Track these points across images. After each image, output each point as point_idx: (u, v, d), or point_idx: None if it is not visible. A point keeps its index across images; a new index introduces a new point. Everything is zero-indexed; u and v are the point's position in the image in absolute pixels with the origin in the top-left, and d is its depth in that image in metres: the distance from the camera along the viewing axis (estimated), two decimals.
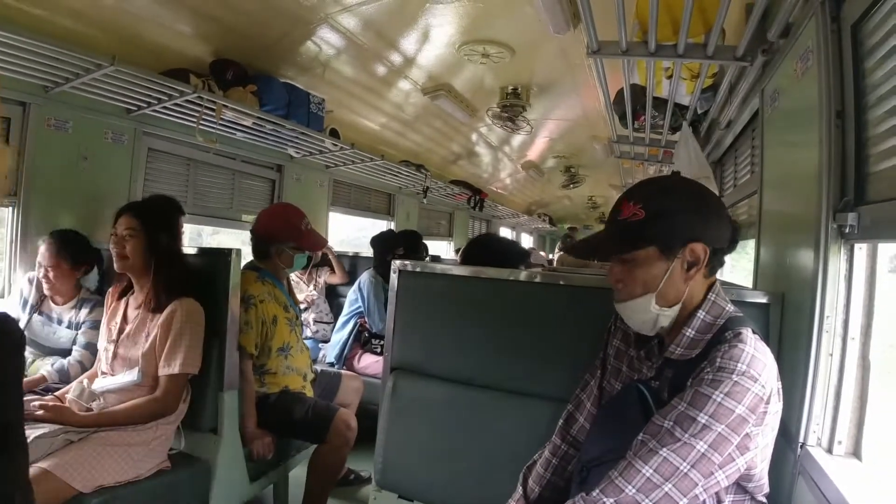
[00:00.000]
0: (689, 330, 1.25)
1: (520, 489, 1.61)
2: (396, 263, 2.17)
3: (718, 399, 1.08)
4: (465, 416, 1.93)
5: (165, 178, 3.80)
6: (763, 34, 2.00)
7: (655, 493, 1.07)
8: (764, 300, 1.70)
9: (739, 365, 1.10)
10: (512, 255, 2.57)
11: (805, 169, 1.62)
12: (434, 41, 3.74)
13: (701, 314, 1.25)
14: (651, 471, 1.08)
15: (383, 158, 5.01)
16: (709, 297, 1.27)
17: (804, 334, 1.49)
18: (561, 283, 1.90)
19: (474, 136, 6.22)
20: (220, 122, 3.52)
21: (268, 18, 3.27)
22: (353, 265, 4.66)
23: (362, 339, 3.96)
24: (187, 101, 3.19)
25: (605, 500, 1.11)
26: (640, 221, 1.23)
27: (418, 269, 2.15)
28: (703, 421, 1.08)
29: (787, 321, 1.66)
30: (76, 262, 2.65)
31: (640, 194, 1.26)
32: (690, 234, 1.23)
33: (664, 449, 1.09)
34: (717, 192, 3.06)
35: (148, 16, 2.97)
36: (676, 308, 1.27)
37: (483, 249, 2.58)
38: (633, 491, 1.09)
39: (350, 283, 4.40)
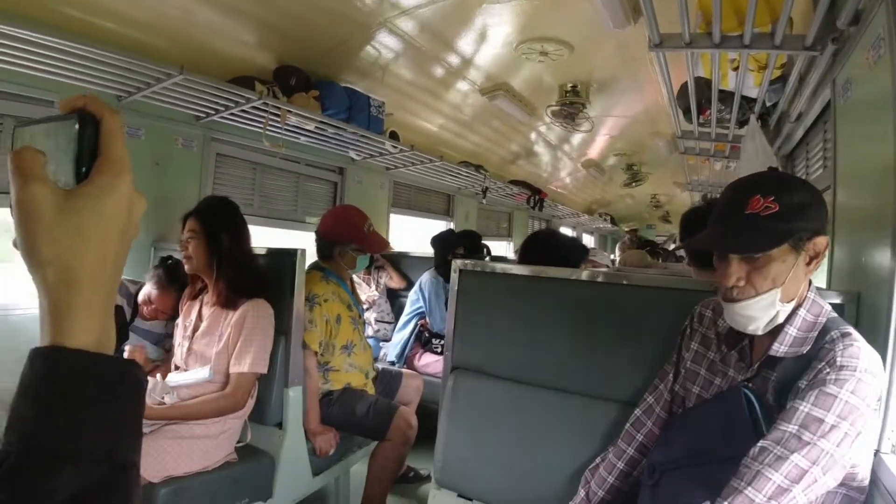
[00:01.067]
0: (792, 328, 1.23)
1: (581, 492, 1.59)
2: (457, 263, 2.17)
3: (845, 398, 1.08)
4: (525, 417, 1.92)
5: (233, 182, 3.93)
6: (832, 22, 1.91)
7: (785, 498, 1.06)
8: (838, 300, 1.61)
9: (861, 362, 1.11)
10: (572, 250, 2.54)
11: (882, 163, 1.54)
12: (491, 41, 3.75)
13: (802, 312, 1.24)
14: (782, 477, 1.06)
15: (442, 159, 5.03)
16: (808, 295, 1.25)
17: (881, 336, 1.41)
18: (624, 282, 1.86)
19: (533, 136, 6.18)
20: (285, 127, 3.62)
21: (327, 25, 3.35)
22: (413, 266, 4.70)
23: (423, 339, 3.98)
24: (253, 107, 3.29)
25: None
26: (775, 215, 1.17)
27: (478, 269, 2.15)
28: (831, 421, 1.07)
29: (863, 322, 1.58)
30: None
31: (770, 186, 1.20)
32: (817, 225, 1.20)
33: (794, 454, 1.07)
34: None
35: (213, 26, 3.09)
36: (792, 304, 1.24)
37: (542, 245, 2.55)
38: (764, 500, 1.06)
39: (409, 285, 4.46)
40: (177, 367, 2.37)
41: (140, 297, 2.66)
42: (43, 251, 0.46)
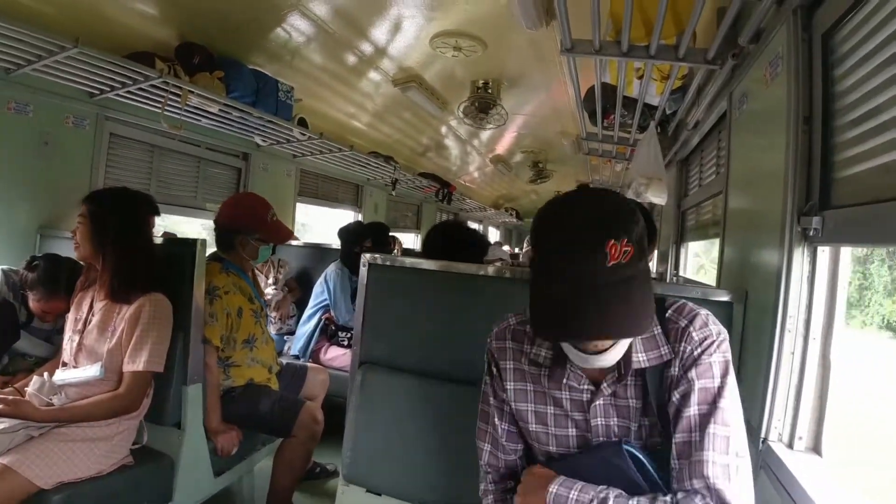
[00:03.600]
0: (637, 341, 1.19)
1: None
2: (366, 257, 2.15)
3: (719, 359, 1.13)
4: (433, 411, 1.93)
5: (128, 164, 3.70)
6: (734, 38, 2.04)
7: (732, 469, 1.07)
8: (727, 298, 1.73)
9: (712, 326, 1.17)
10: (474, 245, 2.56)
11: (771, 171, 1.66)
12: (406, 32, 3.72)
13: None
14: (715, 454, 1.07)
15: (352, 149, 4.96)
16: None
17: (767, 333, 1.53)
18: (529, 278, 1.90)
19: (444, 129, 6.21)
20: (186, 108, 3.44)
21: (236, 2, 3.20)
22: (318, 257, 4.61)
23: (329, 332, 3.92)
24: (152, 85, 3.11)
25: (696, 483, 1.07)
26: (633, 259, 1.04)
27: (388, 263, 2.14)
28: (718, 383, 1.12)
29: (750, 319, 1.70)
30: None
31: (615, 224, 1.04)
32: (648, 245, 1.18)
33: (710, 427, 1.09)
34: (665, 195, 3.13)
35: None
36: None
37: (446, 239, 2.55)
38: (717, 480, 1.06)
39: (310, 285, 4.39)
40: (65, 364, 2.19)
41: (31, 305, 2.46)
42: None
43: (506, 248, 9.95)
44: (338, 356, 3.82)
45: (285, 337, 4.19)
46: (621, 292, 1.01)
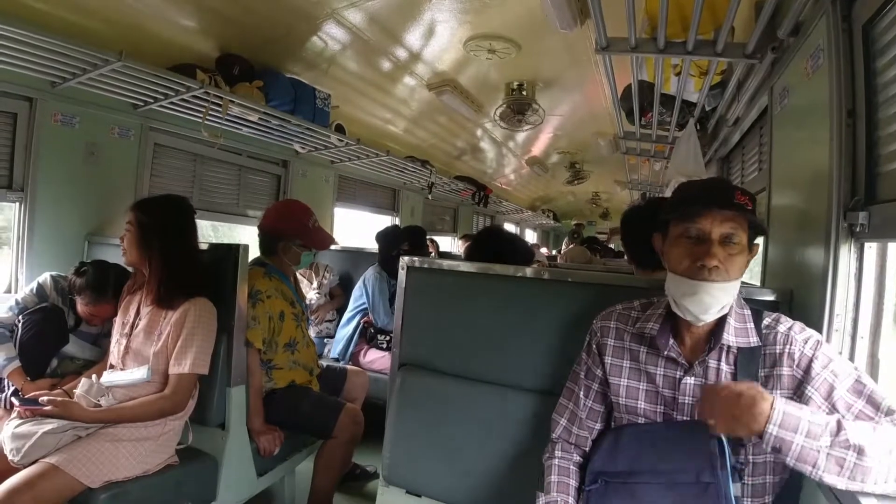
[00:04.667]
0: (732, 319, 1.33)
1: None
2: (404, 260, 2.16)
3: (828, 351, 1.26)
4: (472, 413, 1.92)
5: (171, 173, 3.80)
6: (773, 32, 1.99)
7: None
8: (772, 298, 1.69)
9: (811, 330, 1.31)
10: (522, 252, 2.55)
11: (815, 167, 1.62)
12: (440, 36, 3.74)
13: (734, 305, 1.35)
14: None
15: (388, 154, 5.00)
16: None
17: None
18: (569, 280, 1.89)
19: (479, 132, 6.21)
20: (227, 117, 3.51)
21: (273, 13, 3.27)
22: (356, 260, 4.65)
23: (368, 335, 3.95)
24: (194, 96, 3.19)
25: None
26: (751, 211, 1.27)
27: (426, 266, 2.15)
28: (845, 364, 1.25)
29: (795, 319, 1.66)
30: None
31: (742, 190, 1.29)
32: (762, 233, 1.35)
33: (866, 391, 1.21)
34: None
35: (154, 10, 2.97)
36: None
37: (493, 244, 2.53)
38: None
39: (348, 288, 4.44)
40: (112, 367, 2.26)
41: (79, 310, 2.54)
42: None
43: (543, 250, 9.91)
44: (377, 359, 3.84)
45: (325, 340, 4.23)
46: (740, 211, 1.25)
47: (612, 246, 10.46)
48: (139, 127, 3.42)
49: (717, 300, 1.27)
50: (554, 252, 10.71)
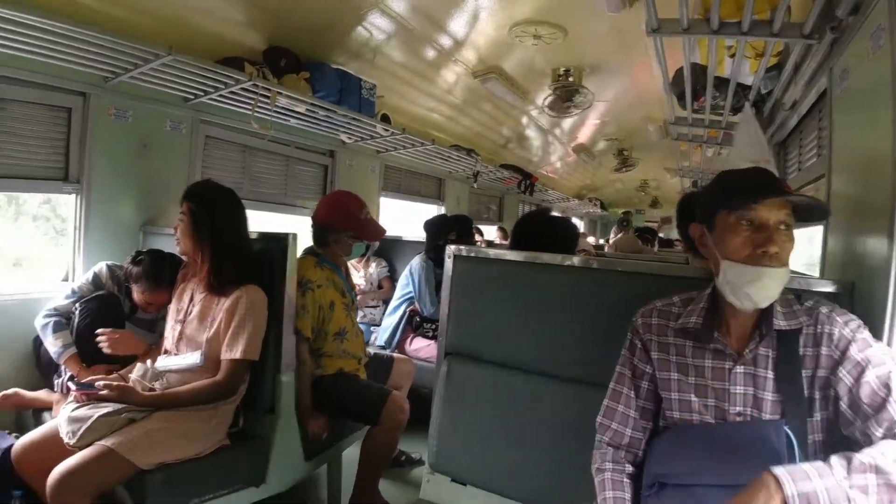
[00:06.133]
0: (777, 304, 1.31)
1: None
2: (451, 248, 2.15)
3: (867, 335, 1.25)
4: (519, 402, 1.91)
5: (222, 164, 3.89)
6: (831, 11, 1.90)
7: None
8: (832, 289, 1.61)
9: (850, 314, 1.30)
10: (565, 236, 2.48)
11: (879, 152, 1.53)
12: (484, 23, 3.71)
13: None
14: None
15: (434, 143, 5.00)
16: None
17: (876, 326, 1.42)
18: (619, 269, 1.85)
19: (524, 119, 6.16)
20: (275, 109, 3.57)
21: (319, 5, 3.30)
22: (401, 249, 4.68)
23: (414, 324, 3.98)
24: (242, 88, 3.26)
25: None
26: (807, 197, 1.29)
27: (473, 255, 2.13)
28: (883, 349, 1.23)
29: (858, 312, 1.57)
30: None
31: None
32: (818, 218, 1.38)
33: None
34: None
35: (201, 5, 3.05)
36: None
37: (534, 230, 2.47)
38: None
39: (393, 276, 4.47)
40: (166, 352, 2.33)
41: (135, 297, 2.63)
42: None
43: (590, 239, 9.78)
44: (422, 347, 3.88)
45: (371, 328, 4.28)
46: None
47: (662, 235, 10.24)
48: (190, 120, 3.51)
49: (778, 285, 1.27)
50: (601, 241, 10.54)
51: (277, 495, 2.42)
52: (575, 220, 13.25)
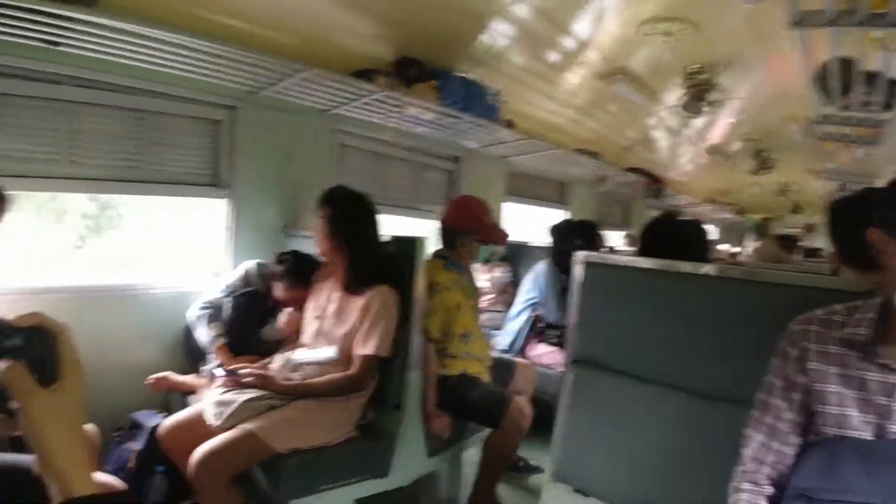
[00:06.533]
0: None
1: None
2: (580, 254, 2.10)
3: None
4: (647, 414, 1.85)
5: (355, 171, 4.09)
6: None
7: None
8: None
9: None
10: (699, 243, 2.36)
11: None
12: (610, 22, 3.66)
13: None
14: None
15: (558, 147, 4.96)
16: None
17: None
18: (759, 279, 1.72)
19: (652, 121, 5.97)
20: (404, 117, 3.73)
21: (445, 16, 3.40)
22: (526, 254, 4.67)
23: (537, 329, 3.96)
24: (375, 99, 3.42)
25: None
26: None
27: (603, 261, 2.08)
28: None
29: None
30: None
31: None
32: None
33: None
34: None
35: (335, 21, 3.23)
36: None
37: (664, 236, 2.37)
38: None
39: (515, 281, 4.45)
40: (304, 346, 2.51)
41: (277, 294, 2.83)
42: (54, 441, 0.65)
43: (724, 246, 9.27)
44: (545, 353, 3.84)
45: (492, 331, 4.30)
46: None
47: (805, 244, 9.48)
48: (327, 129, 3.73)
49: None
50: (736, 249, 9.94)
51: (398, 489, 2.51)
52: (707, 227, 12.60)
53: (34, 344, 0.66)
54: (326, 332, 2.43)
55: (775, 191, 10.81)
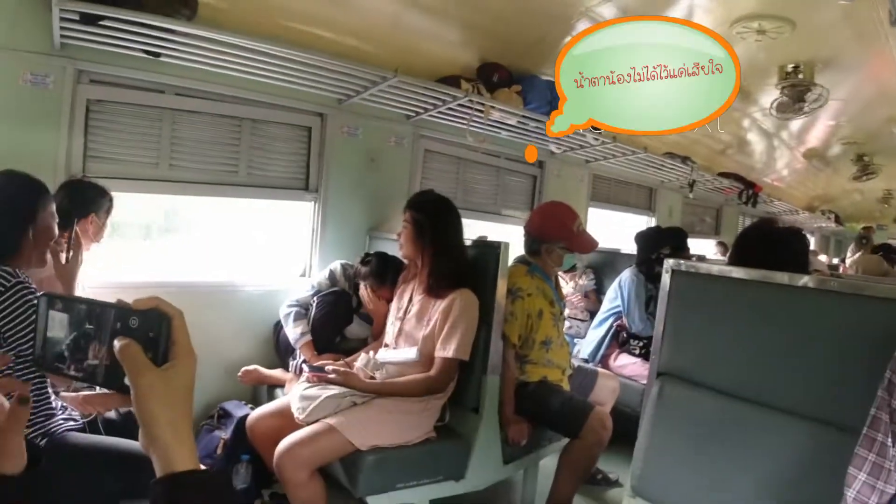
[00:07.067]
0: None
1: None
2: (669, 263, 2.02)
3: None
4: (735, 433, 1.74)
5: (438, 176, 4.17)
6: None
7: None
8: None
9: None
10: (799, 253, 2.21)
11: None
12: (701, 21, 3.53)
13: None
14: None
15: (646, 150, 4.83)
16: None
17: None
18: (866, 293, 1.58)
19: (746, 123, 5.70)
20: (487, 122, 3.73)
21: (528, 20, 3.39)
22: (611, 262, 4.55)
23: (620, 339, 3.86)
24: (459, 104, 3.47)
25: None
26: None
27: (694, 270, 1.99)
28: None
29: None
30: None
31: None
32: None
33: None
34: None
35: (420, 29, 3.32)
36: None
37: (759, 243, 2.23)
38: None
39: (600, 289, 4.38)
40: (387, 346, 2.58)
41: (361, 293, 2.90)
42: (161, 417, 0.67)
43: (822, 257, 8.72)
44: (628, 364, 3.73)
45: (575, 340, 4.22)
46: None
47: None
48: (411, 135, 3.83)
49: None
50: (836, 260, 9.33)
51: (474, 493, 2.51)
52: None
53: (150, 325, 0.70)
54: (408, 333, 2.47)
55: (878, 198, 10.12)
